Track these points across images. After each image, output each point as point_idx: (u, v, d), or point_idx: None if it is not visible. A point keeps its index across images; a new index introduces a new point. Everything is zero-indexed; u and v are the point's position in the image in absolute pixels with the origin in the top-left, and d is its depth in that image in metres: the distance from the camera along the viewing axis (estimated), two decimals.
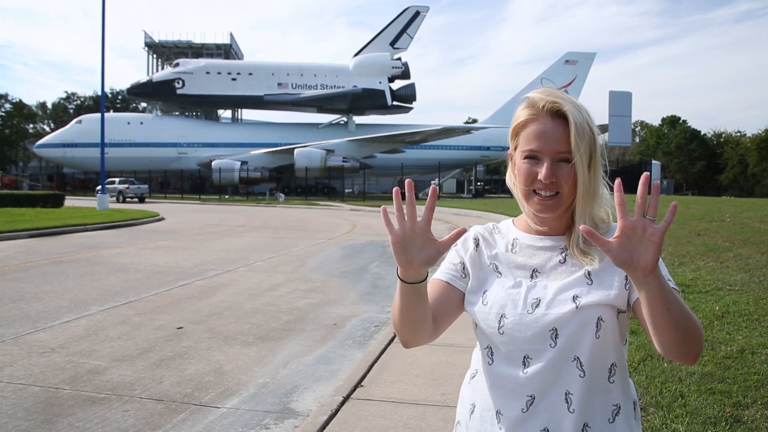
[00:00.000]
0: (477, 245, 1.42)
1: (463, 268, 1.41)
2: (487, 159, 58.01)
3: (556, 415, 1.25)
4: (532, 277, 1.34)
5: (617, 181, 1.11)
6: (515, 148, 1.35)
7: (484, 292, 1.36)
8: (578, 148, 1.24)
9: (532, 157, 1.28)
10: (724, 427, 3.24)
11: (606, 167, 1.35)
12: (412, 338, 1.34)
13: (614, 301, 1.25)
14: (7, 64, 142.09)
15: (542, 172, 1.26)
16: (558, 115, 1.27)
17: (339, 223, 23.13)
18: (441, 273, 1.45)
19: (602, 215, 1.35)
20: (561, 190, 1.27)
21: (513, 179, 1.39)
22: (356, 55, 57.71)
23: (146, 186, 44.42)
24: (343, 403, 3.99)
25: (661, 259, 1.31)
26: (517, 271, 1.36)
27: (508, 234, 1.43)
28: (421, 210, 1.19)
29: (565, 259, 1.33)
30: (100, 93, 36.19)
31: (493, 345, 1.33)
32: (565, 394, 1.25)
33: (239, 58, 67.47)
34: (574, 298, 1.26)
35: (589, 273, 1.29)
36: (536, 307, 1.28)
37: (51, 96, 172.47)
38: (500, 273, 1.37)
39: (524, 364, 1.28)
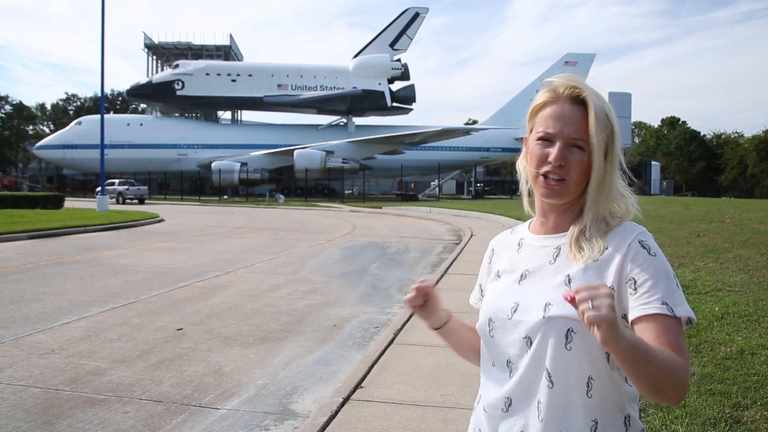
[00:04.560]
0: (491, 258, 1.48)
1: (482, 290, 1.51)
2: (486, 160, 58.05)
3: (529, 420, 1.25)
4: (521, 278, 1.33)
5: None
6: (530, 131, 1.33)
7: (484, 297, 1.43)
8: (596, 134, 1.23)
9: (545, 139, 1.27)
10: (723, 428, 3.24)
11: (623, 165, 1.31)
12: (476, 362, 1.50)
13: None
14: (6, 65, 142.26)
15: (553, 154, 1.24)
16: (578, 101, 1.26)
17: (339, 224, 23.13)
18: (471, 297, 1.57)
19: (614, 209, 1.30)
20: (569, 177, 1.25)
21: (524, 163, 1.38)
22: (356, 56, 57.73)
23: (146, 187, 44.40)
24: (342, 405, 3.99)
25: (675, 281, 1.21)
26: (511, 274, 1.37)
27: (520, 234, 1.44)
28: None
29: (555, 260, 1.30)
30: (100, 94, 36.21)
31: (487, 348, 1.37)
32: (537, 402, 1.24)
33: (239, 60, 67.50)
34: (546, 306, 1.23)
35: (569, 279, 1.25)
36: (514, 312, 1.28)
37: (50, 97, 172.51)
38: (499, 276, 1.40)
39: (509, 368, 1.30)
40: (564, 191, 1.27)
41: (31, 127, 73.62)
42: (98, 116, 39.72)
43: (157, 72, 62.18)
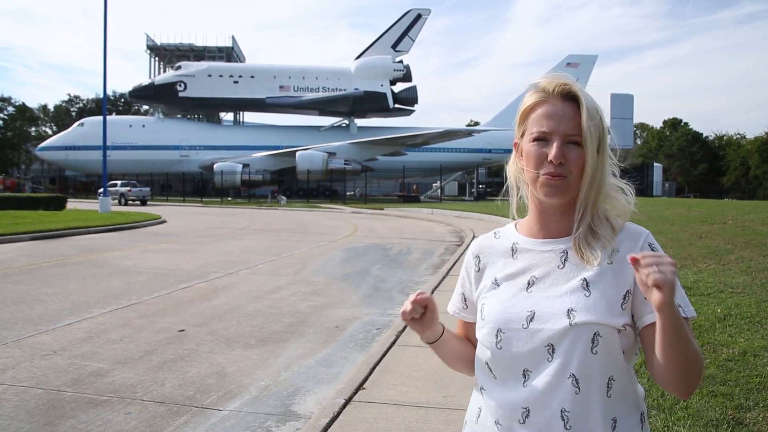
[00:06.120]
0: (479, 266, 1.42)
1: (465, 299, 1.47)
2: (488, 162, 58.02)
3: (553, 429, 1.22)
4: (528, 285, 1.29)
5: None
6: (522, 135, 1.32)
7: (482, 306, 1.35)
8: (589, 129, 1.23)
9: (542, 139, 1.26)
10: (725, 430, 3.24)
11: (614, 159, 1.31)
12: (468, 373, 1.49)
13: (612, 322, 1.20)
14: (8, 66, 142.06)
15: (552, 152, 1.23)
16: (569, 97, 1.27)
17: (341, 225, 23.13)
18: (450, 305, 1.52)
19: (611, 205, 1.31)
20: (569, 174, 1.24)
21: (516, 167, 1.36)
22: (358, 57, 57.78)
23: (148, 188, 44.42)
24: (344, 406, 3.99)
25: (679, 284, 1.22)
26: (514, 280, 1.32)
27: (509, 238, 1.39)
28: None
29: (564, 264, 1.28)
30: (102, 96, 36.26)
31: (493, 359, 1.30)
32: (561, 411, 1.21)
33: (241, 61, 67.56)
34: (569, 312, 1.21)
35: (587, 283, 1.24)
36: (531, 321, 1.24)
37: (51, 98, 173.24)
38: (497, 284, 1.34)
39: (524, 377, 1.25)
40: (566, 189, 1.26)
41: (33, 129, 73.77)
42: (100, 117, 39.76)
43: (159, 73, 62.23)
